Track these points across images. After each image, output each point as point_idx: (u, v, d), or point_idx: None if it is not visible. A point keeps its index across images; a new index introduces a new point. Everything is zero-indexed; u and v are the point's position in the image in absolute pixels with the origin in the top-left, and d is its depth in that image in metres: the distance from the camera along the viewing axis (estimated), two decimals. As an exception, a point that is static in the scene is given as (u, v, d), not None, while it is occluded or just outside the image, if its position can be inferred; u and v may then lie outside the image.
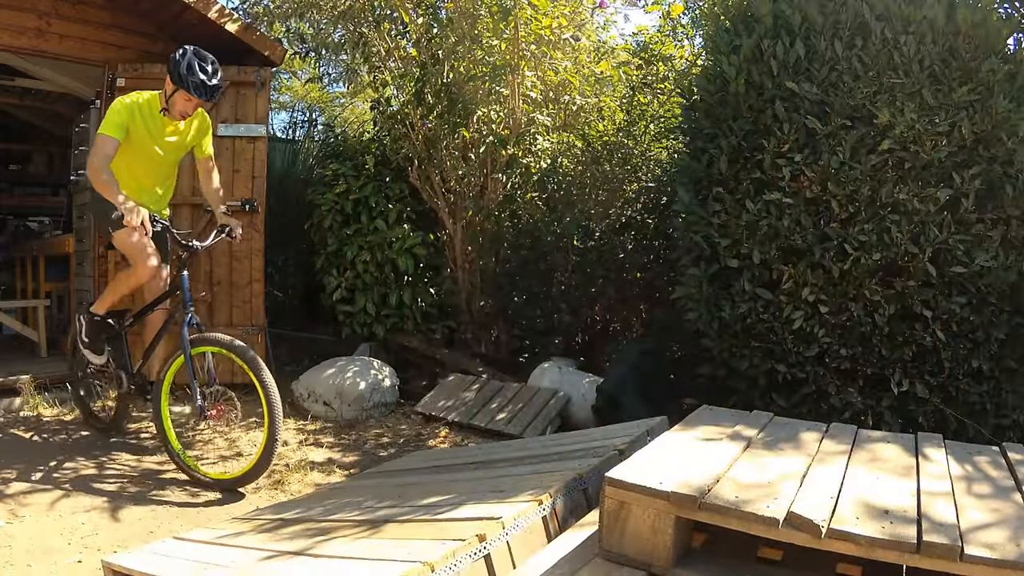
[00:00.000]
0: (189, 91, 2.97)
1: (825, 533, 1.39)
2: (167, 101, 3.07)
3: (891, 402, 2.93)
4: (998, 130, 2.76)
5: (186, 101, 3.04)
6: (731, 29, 3.24)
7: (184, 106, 3.06)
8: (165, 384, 3.00)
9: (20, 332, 5.05)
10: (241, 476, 2.84)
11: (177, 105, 3.05)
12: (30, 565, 2.17)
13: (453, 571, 1.51)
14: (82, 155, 4.72)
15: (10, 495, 2.69)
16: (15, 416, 3.68)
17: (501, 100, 4.30)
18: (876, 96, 2.86)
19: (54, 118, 6.77)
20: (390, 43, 4.49)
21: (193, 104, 3.07)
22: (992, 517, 1.47)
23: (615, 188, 4.73)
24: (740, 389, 3.18)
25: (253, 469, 2.81)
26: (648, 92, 4.75)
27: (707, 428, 2.08)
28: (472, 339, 4.89)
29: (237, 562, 1.74)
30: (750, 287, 3.07)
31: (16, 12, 4.03)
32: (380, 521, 1.90)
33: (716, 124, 3.20)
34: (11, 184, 7.57)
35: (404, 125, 4.50)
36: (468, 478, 2.39)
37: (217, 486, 2.89)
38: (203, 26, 4.22)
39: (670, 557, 1.54)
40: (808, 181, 2.94)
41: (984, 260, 2.75)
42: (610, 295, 4.63)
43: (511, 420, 3.79)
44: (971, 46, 2.80)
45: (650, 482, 1.57)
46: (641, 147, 4.72)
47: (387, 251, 4.72)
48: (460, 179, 4.53)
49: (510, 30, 4.02)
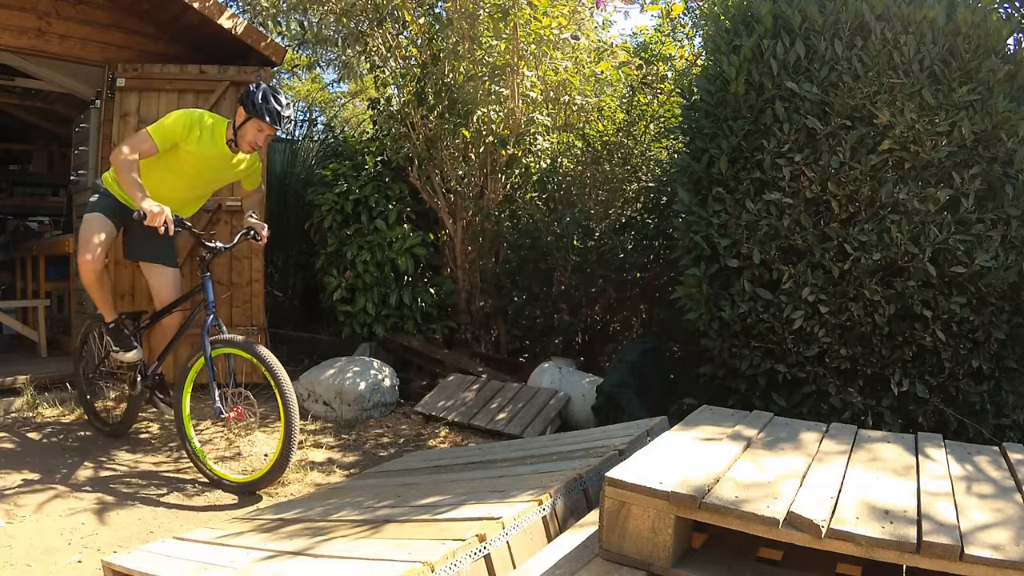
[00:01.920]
0: (263, 119, 2.97)
1: (825, 533, 1.39)
2: (235, 132, 3.05)
3: (891, 402, 2.93)
4: (998, 130, 2.76)
5: (258, 131, 3.03)
6: (731, 29, 3.25)
7: (255, 136, 3.04)
8: (187, 385, 2.98)
9: (20, 332, 5.05)
10: (259, 478, 2.83)
11: (248, 135, 3.04)
12: (30, 565, 2.17)
13: (453, 571, 1.51)
14: (82, 155, 4.72)
15: (10, 495, 2.68)
16: (15, 416, 3.68)
17: (501, 100, 4.30)
18: (876, 96, 2.86)
19: (54, 118, 6.77)
20: (391, 42, 4.49)
21: (264, 135, 3.05)
22: (992, 517, 1.47)
23: (615, 188, 4.73)
24: (740, 389, 3.18)
25: (271, 471, 2.80)
26: (648, 92, 4.75)
27: (707, 428, 2.08)
28: (472, 339, 4.89)
29: (237, 562, 1.74)
30: (750, 287, 3.07)
31: (16, 12, 4.03)
32: (380, 521, 1.90)
33: (716, 124, 3.20)
34: (11, 184, 7.57)
35: (404, 125, 4.51)
36: (468, 478, 2.38)
37: (235, 488, 2.87)
38: (204, 26, 4.23)
39: (670, 557, 1.54)
40: (808, 181, 2.94)
41: (984, 260, 2.75)
42: (610, 295, 4.63)
43: (511, 420, 3.79)
44: (971, 46, 2.80)
45: (650, 482, 1.57)
46: (641, 147, 4.72)
47: (387, 251, 4.72)
48: (460, 179, 4.53)
49: (509, 30, 4.02)
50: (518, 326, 4.77)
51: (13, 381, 3.93)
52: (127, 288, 4.40)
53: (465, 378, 4.35)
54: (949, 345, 2.85)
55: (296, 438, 2.81)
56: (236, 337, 2.99)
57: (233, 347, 2.93)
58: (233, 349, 2.93)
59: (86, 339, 3.56)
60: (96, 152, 4.45)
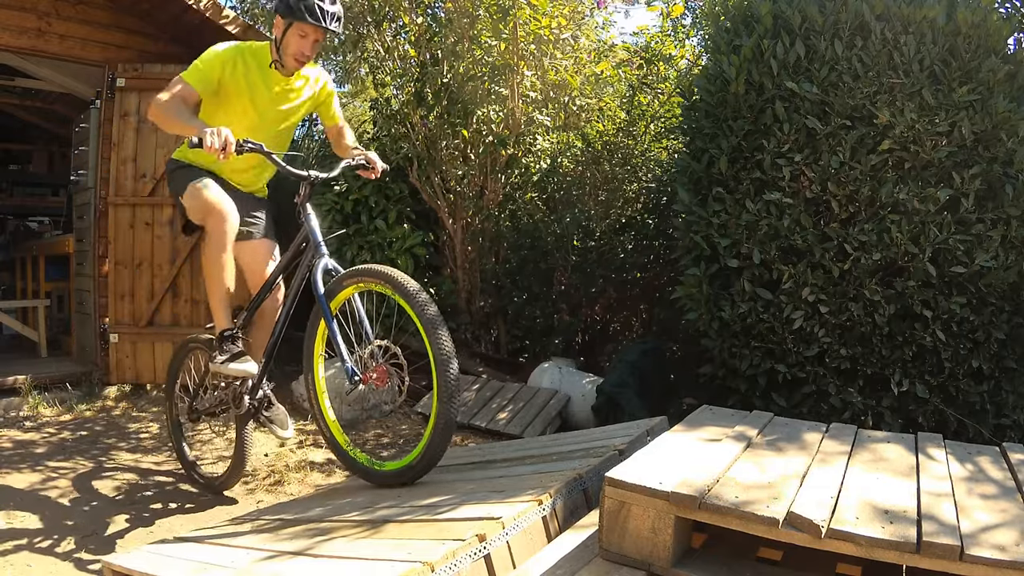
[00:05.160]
0: (304, 19, 2.39)
1: (825, 533, 1.39)
2: (278, 50, 2.51)
3: (891, 402, 2.93)
4: (998, 130, 2.76)
5: (301, 38, 2.46)
6: (731, 29, 3.25)
7: (299, 45, 2.47)
8: (316, 361, 2.44)
9: (20, 332, 5.05)
10: (414, 460, 2.20)
11: (291, 47, 2.48)
12: (30, 565, 2.17)
13: (453, 571, 1.51)
14: (82, 155, 4.72)
15: (9, 495, 2.68)
16: (15, 416, 3.68)
17: (501, 100, 4.30)
18: (876, 96, 2.86)
19: (54, 118, 6.77)
20: (389, 43, 4.49)
21: (310, 41, 2.48)
22: (993, 517, 1.47)
23: (615, 188, 4.73)
24: (740, 389, 3.18)
25: (424, 452, 2.16)
26: (648, 92, 4.75)
27: (707, 428, 2.08)
28: (472, 339, 4.89)
29: (237, 562, 1.74)
30: (750, 287, 3.07)
31: (16, 12, 4.03)
32: (380, 521, 1.90)
33: (716, 124, 3.20)
34: (11, 184, 7.58)
35: (404, 125, 4.50)
36: (468, 478, 2.38)
37: (389, 477, 2.28)
38: (204, 27, 4.22)
39: (670, 557, 1.54)
40: (808, 181, 2.94)
41: (984, 260, 2.75)
42: (610, 295, 4.63)
43: (511, 420, 3.79)
44: (971, 46, 2.80)
45: (650, 482, 1.57)
46: (641, 147, 4.72)
47: (387, 251, 4.72)
48: (460, 179, 4.53)
49: (509, 30, 4.02)
50: (518, 326, 4.77)
51: (13, 381, 3.93)
52: (127, 288, 4.41)
53: (465, 378, 4.34)
54: (949, 345, 2.85)
55: (456, 397, 2.12)
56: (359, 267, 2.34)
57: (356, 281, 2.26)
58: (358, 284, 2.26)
59: (178, 374, 2.91)
60: (96, 152, 4.45)
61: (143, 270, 4.42)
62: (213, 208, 2.47)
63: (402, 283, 2.15)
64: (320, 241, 2.40)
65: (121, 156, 4.38)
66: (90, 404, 3.95)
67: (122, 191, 4.38)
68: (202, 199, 2.49)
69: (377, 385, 2.22)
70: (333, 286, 2.31)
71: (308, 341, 2.44)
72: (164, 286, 4.42)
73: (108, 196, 4.37)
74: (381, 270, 2.23)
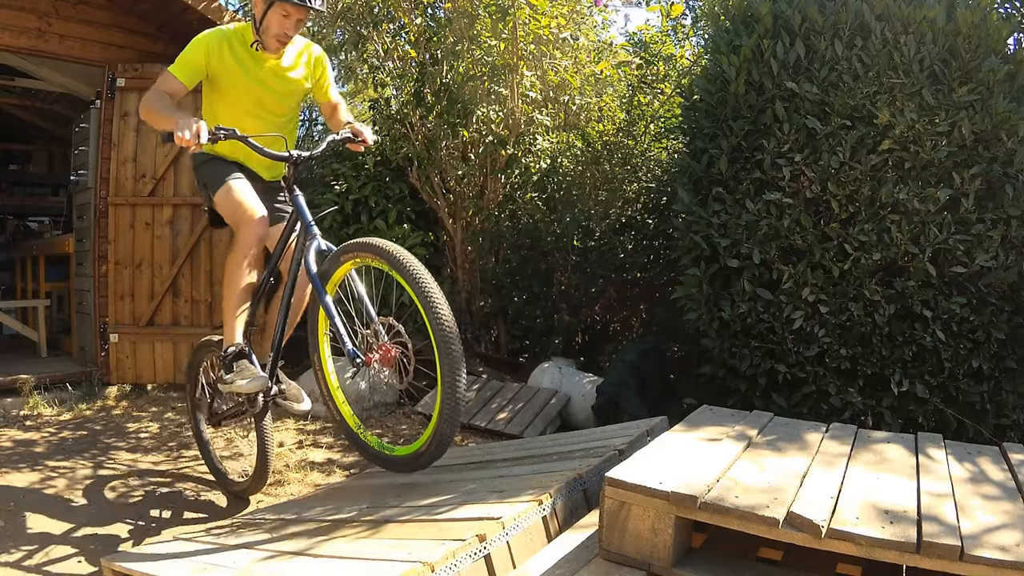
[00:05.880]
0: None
1: (825, 533, 1.39)
2: (258, 31, 2.43)
3: (891, 402, 2.93)
4: (998, 130, 2.76)
5: (284, 17, 2.38)
6: (731, 29, 3.25)
7: (281, 24, 2.39)
8: (321, 347, 2.37)
9: (20, 332, 5.05)
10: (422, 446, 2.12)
11: (272, 27, 2.39)
12: (29, 565, 2.17)
13: (453, 571, 1.51)
14: (82, 155, 4.72)
15: (9, 495, 2.68)
16: (15, 416, 3.68)
17: (500, 100, 4.30)
18: (876, 96, 2.86)
19: (54, 118, 6.77)
20: (388, 43, 4.49)
21: (292, 21, 2.41)
22: (993, 517, 1.47)
23: (615, 188, 4.73)
24: (740, 389, 3.18)
25: (433, 437, 2.08)
26: (648, 92, 4.75)
27: (707, 428, 2.08)
28: (472, 339, 4.88)
29: (237, 562, 1.74)
30: (750, 287, 3.07)
31: (16, 12, 4.03)
32: (380, 521, 1.90)
33: (716, 124, 3.20)
34: (11, 184, 7.58)
35: (403, 125, 4.50)
36: (468, 478, 2.38)
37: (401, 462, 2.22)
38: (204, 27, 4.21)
39: (670, 557, 1.54)
40: (808, 181, 2.94)
41: (984, 260, 2.75)
42: (610, 295, 4.63)
43: (511, 420, 3.79)
44: (971, 46, 2.80)
45: (650, 482, 1.57)
46: (641, 147, 4.72)
47: (387, 251, 4.71)
48: (460, 179, 4.53)
49: (508, 30, 4.02)
50: (518, 326, 4.76)
51: (13, 381, 3.93)
52: (127, 288, 4.41)
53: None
54: (949, 345, 2.85)
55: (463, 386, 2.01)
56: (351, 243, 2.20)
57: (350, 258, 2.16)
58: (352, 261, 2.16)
59: (197, 378, 2.84)
60: (96, 152, 4.45)
61: (143, 270, 4.42)
62: (245, 214, 2.40)
63: (398, 257, 2.04)
64: (311, 222, 2.30)
65: (121, 156, 4.38)
66: (90, 404, 3.96)
67: (122, 191, 4.38)
68: (235, 202, 2.42)
69: (381, 365, 2.11)
70: (328, 265, 2.21)
71: (311, 323, 2.39)
72: (164, 286, 4.42)
73: (108, 196, 4.37)
74: (375, 244, 2.11)
